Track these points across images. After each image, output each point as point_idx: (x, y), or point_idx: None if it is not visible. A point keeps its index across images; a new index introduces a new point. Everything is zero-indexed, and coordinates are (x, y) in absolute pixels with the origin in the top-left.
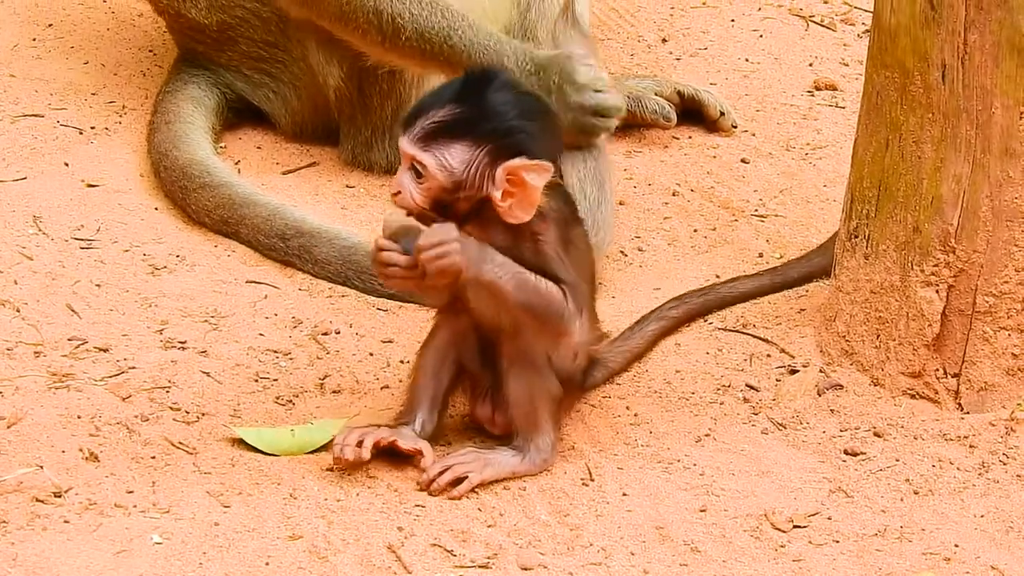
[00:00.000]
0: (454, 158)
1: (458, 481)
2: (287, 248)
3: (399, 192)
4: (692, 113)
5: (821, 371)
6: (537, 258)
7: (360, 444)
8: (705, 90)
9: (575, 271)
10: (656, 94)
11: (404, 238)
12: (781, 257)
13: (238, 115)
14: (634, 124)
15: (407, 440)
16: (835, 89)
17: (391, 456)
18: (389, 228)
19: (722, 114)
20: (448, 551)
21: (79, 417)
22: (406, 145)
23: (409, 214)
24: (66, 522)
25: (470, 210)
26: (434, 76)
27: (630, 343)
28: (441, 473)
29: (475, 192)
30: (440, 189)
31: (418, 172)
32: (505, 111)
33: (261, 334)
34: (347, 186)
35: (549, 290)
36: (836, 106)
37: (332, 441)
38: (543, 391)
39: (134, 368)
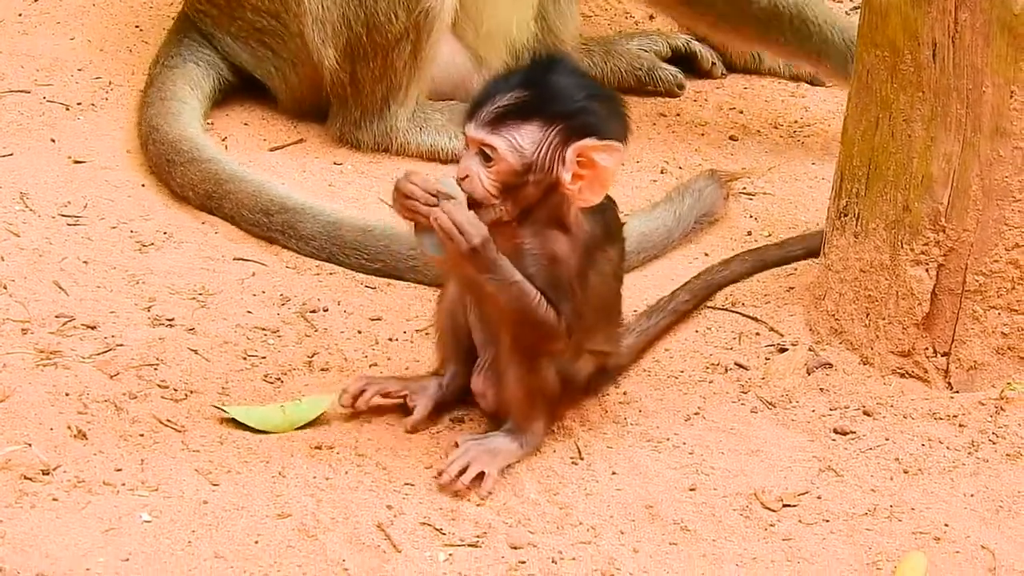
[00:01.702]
0: (524, 139)
1: (478, 479)
2: (270, 223)
3: (467, 176)
4: (683, 60)
5: (810, 350)
6: (549, 281)
7: (360, 395)
8: (695, 40)
9: (587, 297)
10: (655, 53)
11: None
12: (770, 235)
13: (233, 94)
14: (644, 91)
15: (417, 398)
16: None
17: (389, 425)
18: (434, 185)
19: (713, 64)
20: (438, 530)
21: (67, 394)
22: (474, 131)
23: (476, 206)
24: (54, 500)
25: (537, 197)
26: (424, 65)
27: (639, 339)
28: (462, 472)
29: (545, 175)
30: (510, 172)
31: (487, 156)
32: (573, 93)
33: (249, 312)
34: (334, 163)
35: (547, 314)
36: (829, 87)
37: (324, 418)
38: (540, 385)
39: (122, 345)
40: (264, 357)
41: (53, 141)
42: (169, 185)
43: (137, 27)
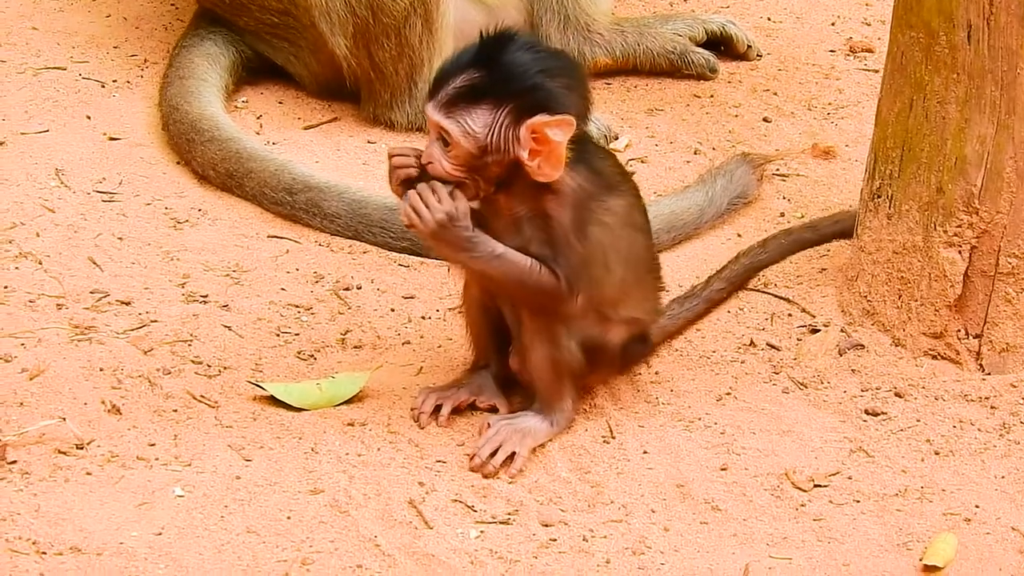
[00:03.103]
0: (476, 123)
1: (508, 459)
2: (294, 202)
3: (431, 162)
4: (719, 43)
5: (842, 331)
6: (546, 239)
7: (437, 411)
8: (731, 23)
9: (590, 251)
10: (689, 38)
11: None
12: (802, 217)
13: (258, 72)
14: (678, 74)
15: (485, 397)
16: (871, 52)
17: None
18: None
19: (749, 47)
20: (469, 507)
21: (101, 370)
22: (431, 113)
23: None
24: (88, 474)
25: (503, 174)
26: (440, 35)
27: (669, 322)
28: (493, 454)
29: (502, 155)
30: (468, 155)
31: (445, 140)
32: (524, 70)
33: (283, 289)
34: (368, 142)
35: (542, 277)
36: (865, 69)
37: (357, 395)
38: (563, 363)
39: (156, 321)
40: (297, 334)
41: (88, 118)
42: (191, 164)
43: (173, 5)
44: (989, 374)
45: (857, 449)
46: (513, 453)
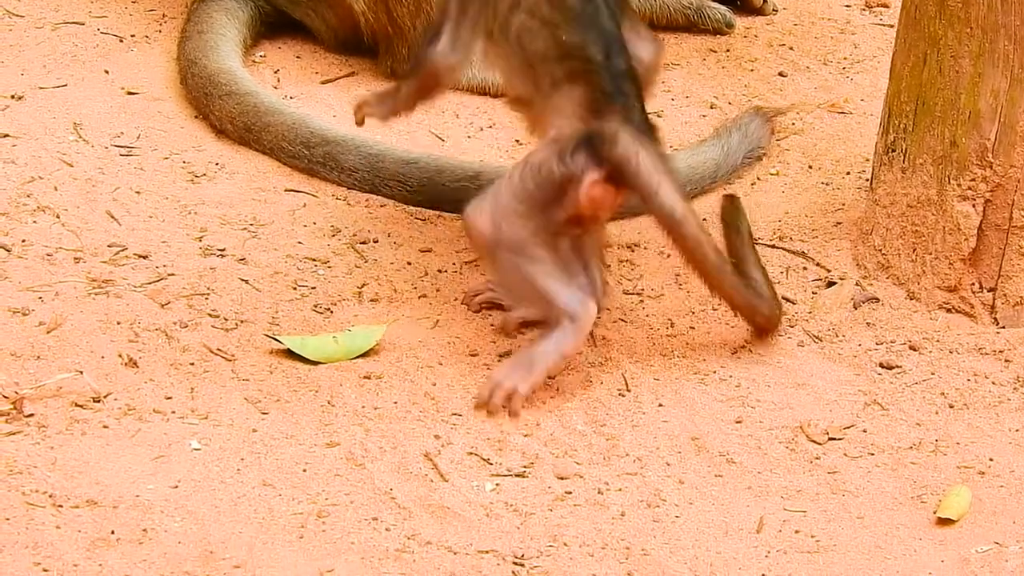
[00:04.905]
0: None
1: (510, 397)
2: (311, 156)
3: None
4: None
5: (857, 284)
6: None
7: (476, 296)
8: None
9: None
10: None
11: None
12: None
13: (276, 27)
14: (695, 31)
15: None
16: (886, 7)
17: (438, 356)
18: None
19: (765, 2)
20: (485, 460)
21: (118, 323)
22: None
23: None
24: (105, 427)
25: None
26: None
27: None
28: (492, 395)
29: None
30: None
31: None
32: None
33: (299, 242)
34: None
35: None
36: (880, 24)
37: (373, 348)
38: (506, 247)
39: (173, 275)
40: (314, 287)
41: (107, 72)
42: (208, 118)
43: None
44: (1003, 327)
45: (872, 402)
46: (515, 391)
